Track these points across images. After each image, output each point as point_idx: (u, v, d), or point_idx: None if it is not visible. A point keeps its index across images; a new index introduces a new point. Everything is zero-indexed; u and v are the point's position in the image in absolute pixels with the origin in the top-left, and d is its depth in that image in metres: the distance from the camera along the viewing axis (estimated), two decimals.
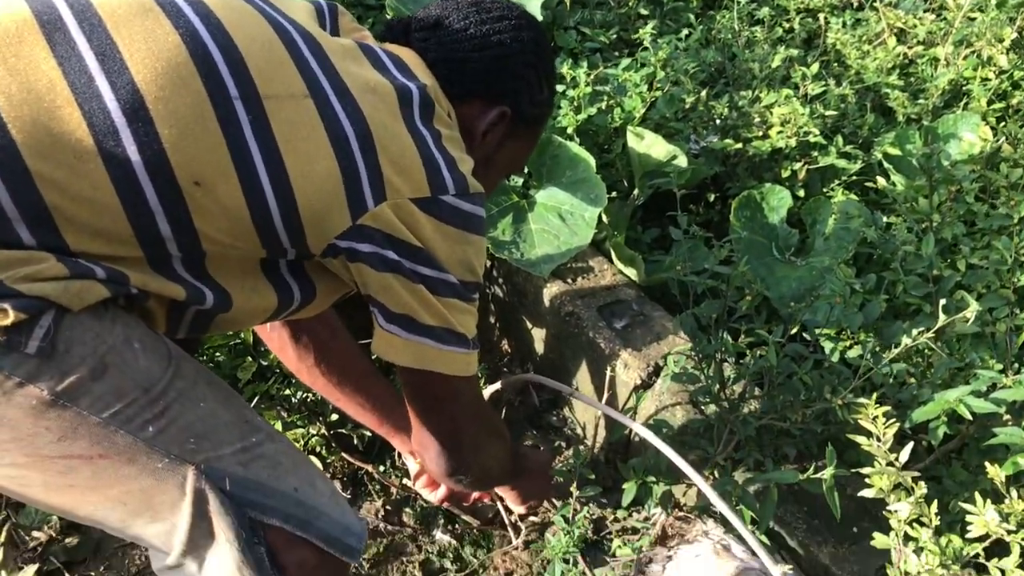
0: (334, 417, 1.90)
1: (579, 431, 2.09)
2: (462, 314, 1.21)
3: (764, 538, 1.56)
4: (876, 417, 1.39)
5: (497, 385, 1.65)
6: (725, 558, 1.57)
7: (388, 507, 1.89)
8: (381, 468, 1.97)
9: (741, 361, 1.73)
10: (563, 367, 2.09)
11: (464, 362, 1.22)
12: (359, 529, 1.17)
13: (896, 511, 1.34)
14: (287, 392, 1.92)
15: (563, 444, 2.06)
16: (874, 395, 1.41)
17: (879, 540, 1.40)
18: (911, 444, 1.36)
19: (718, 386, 1.61)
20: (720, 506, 1.38)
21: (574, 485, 1.58)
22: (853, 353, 1.74)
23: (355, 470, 1.91)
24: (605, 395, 1.88)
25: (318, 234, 1.10)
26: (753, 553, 1.59)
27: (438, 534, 1.85)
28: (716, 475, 1.64)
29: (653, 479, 1.63)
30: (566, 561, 1.60)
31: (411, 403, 1.31)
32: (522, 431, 2.09)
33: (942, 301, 1.42)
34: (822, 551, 1.56)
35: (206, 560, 1.06)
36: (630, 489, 1.62)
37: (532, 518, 1.88)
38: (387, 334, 1.16)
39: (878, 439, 1.39)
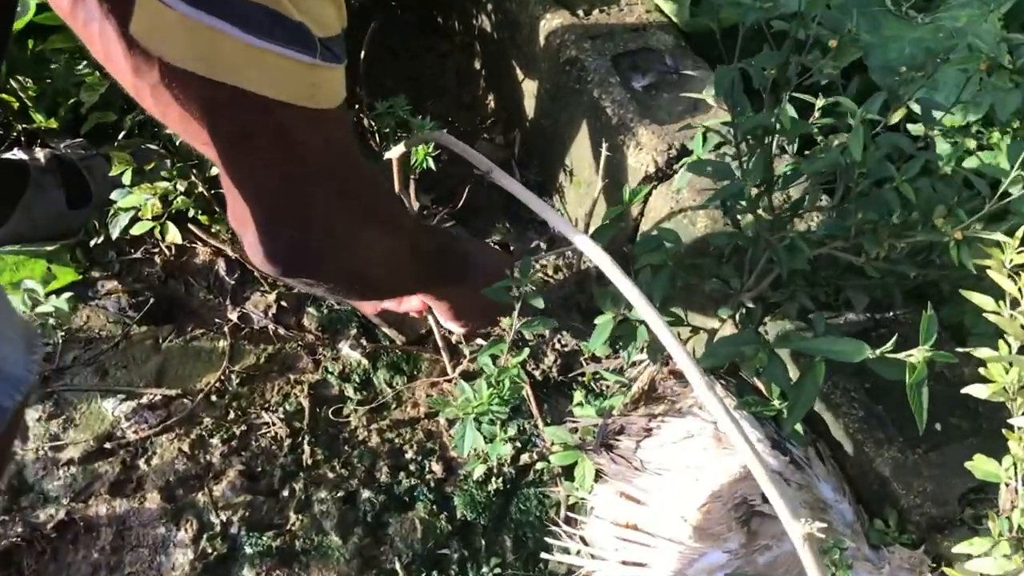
0: (216, 170, 1.35)
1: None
2: None
3: (799, 427, 1.02)
4: (1020, 268, 0.82)
5: (400, 148, 1.06)
6: (727, 446, 1.04)
7: (284, 303, 1.37)
8: None
9: (807, 152, 1.11)
10: (556, 137, 1.49)
11: (302, 78, 0.66)
12: (20, 373, 0.64)
13: (1021, 429, 0.80)
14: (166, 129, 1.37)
15: (543, 245, 1.50)
16: (1021, 230, 0.83)
17: (980, 466, 0.85)
18: None
19: (761, 186, 1.01)
20: (673, 349, 0.80)
21: (515, 315, 1.03)
22: (987, 159, 1.13)
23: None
24: (599, 184, 1.29)
25: None
26: (776, 444, 1.05)
27: (345, 348, 1.34)
28: (736, 323, 1.08)
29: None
30: (492, 423, 1.08)
31: (215, 145, 0.75)
32: (493, 223, 1.52)
33: None
34: (882, 454, 1.02)
35: None
36: (603, 326, 1.06)
37: (481, 342, 1.35)
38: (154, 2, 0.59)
39: (1014, 304, 0.82)
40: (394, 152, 1.04)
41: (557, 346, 1.36)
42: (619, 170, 1.32)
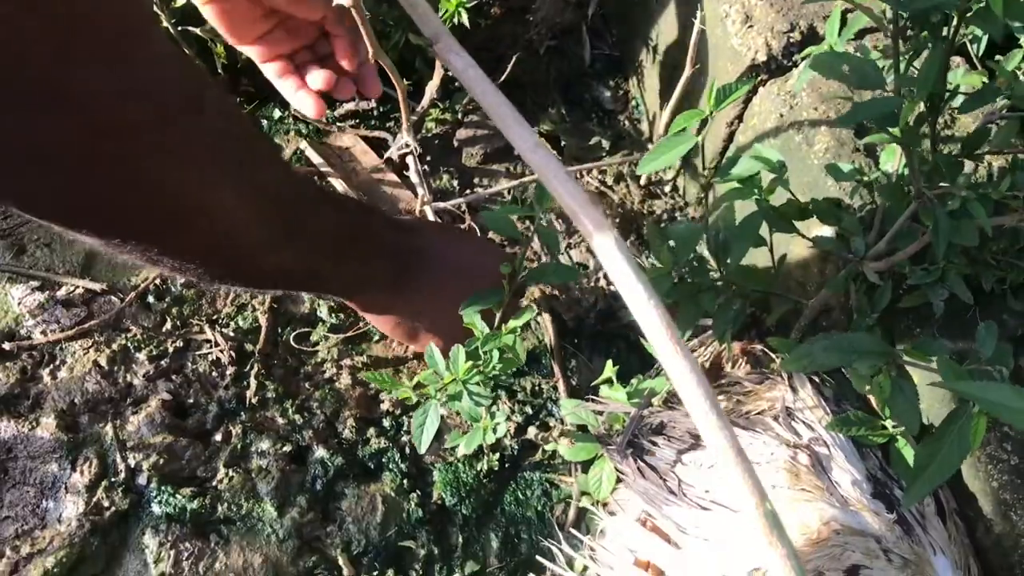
0: None
1: (644, 125, 1.16)
2: None
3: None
4: None
5: None
6: (808, 486, 0.71)
7: None
8: (276, 113, 1.13)
9: (998, 58, 0.72)
10: (638, 16, 1.12)
11: None
12: None
13: None
14: None
15: (605, 142, 1.15)
16: None
17: None
18: None
19: (926, 104, 0.64)
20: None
21: (521, 252, 0.69)
22: None
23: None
24: (687, 72, 0.93)
25: None
26: (879, 491, 0.72)
27: None
28: (851, 304, 0.73)
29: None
30: (478, 403, 0.77)
31: None
32: (545, 106, 1.17)
33: None
34: None
35: None
36: (658, 279, 0.72)
37: None
38: None
39: None
40: None
41: (603, 282, 1.03)
42: (717, 53, 0.95)
